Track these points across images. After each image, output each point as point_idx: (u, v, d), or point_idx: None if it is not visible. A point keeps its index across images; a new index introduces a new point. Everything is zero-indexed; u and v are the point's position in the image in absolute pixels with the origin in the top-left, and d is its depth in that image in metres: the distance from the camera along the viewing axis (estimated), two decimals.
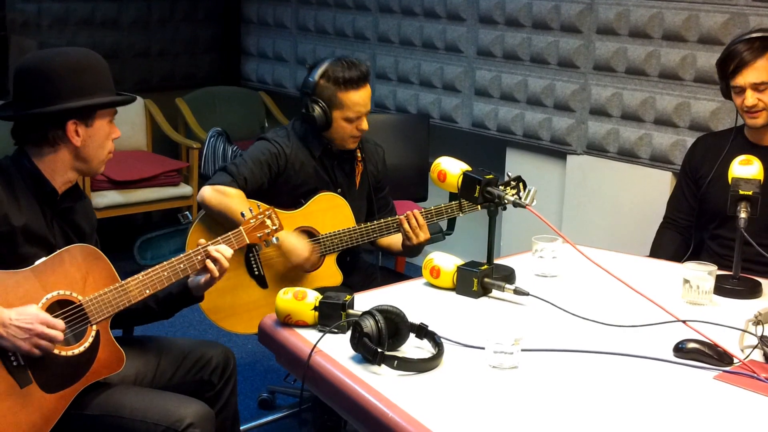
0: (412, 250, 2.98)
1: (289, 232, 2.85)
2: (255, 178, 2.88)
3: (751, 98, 2.80)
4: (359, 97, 2.91)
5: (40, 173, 2.19)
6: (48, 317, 2.03)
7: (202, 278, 2.34)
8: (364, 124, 2.95)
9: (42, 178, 2.19)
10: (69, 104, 2.15)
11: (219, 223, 2.83)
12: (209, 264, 2.29)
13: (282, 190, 2.95)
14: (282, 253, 2.84)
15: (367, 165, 3.09)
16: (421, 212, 2.95)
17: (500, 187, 2.51)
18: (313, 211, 2.95)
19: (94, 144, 2.22)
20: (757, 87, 2.79)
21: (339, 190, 3.02)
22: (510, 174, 2.92)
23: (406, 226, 2.92)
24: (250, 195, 2.87)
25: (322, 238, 2.94)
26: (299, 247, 2.85)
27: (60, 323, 2.04)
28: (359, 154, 3.07)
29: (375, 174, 3.14)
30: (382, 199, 3.20)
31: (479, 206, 2.97)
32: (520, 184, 2.98)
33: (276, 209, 2.89)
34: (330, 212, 2.96)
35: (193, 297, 2.40)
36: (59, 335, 2.03)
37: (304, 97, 2.93)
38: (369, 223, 2.96)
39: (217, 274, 2.30)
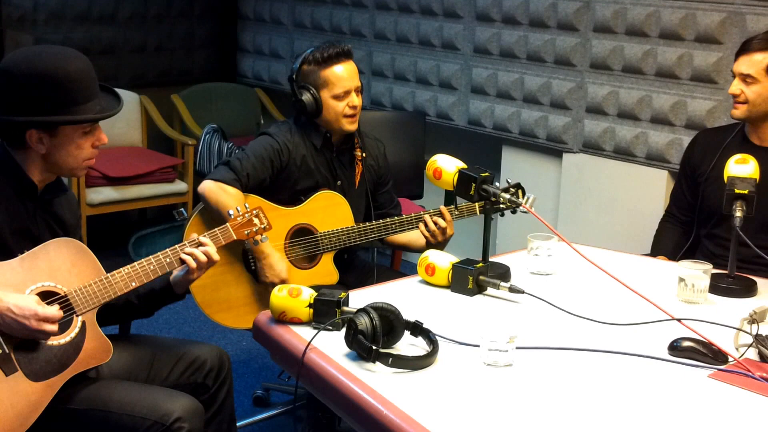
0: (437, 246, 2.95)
1: (275, 251, 2.85)
2: (257, 173, 2.88)
3: (734, 86, 2.81)
4: (342, 71, 2.90)
5: (19, 167, 2.19)
6: (46, 312, 2.03)
7: (183, 274, 2.33)
8: (355, 100, 2.93)
9: (21, 172, 2.19)
10: (25, 117, 2.12)
11: (215, 218, 2.83)
12: (186, 258, 2.29)
13: (283, 186, 2.95)
14: (263, 265, 2.84)
15: (366, 161, 3.08)
16: (450, 210, 2.95)
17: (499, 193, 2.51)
18: (312, 209, 2.94)
19: (61, 152, 2.18)
20: (744, 78, 2.79)
21: (339, 183, 3.02)
22: (509, 181, 2.92)
23: (432, 226, 2.91)
24: (251, 190, 2.87)
25: (320, 236, 2.93)
26: (278, 266, 2.85)
27: (56, 314, 2.05)
28: (359, 153, 3.06)
29: (376, 169, 3.14)
30: (386, 194, 3.18)
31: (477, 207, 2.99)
32: (519, 191, 2.98)
33: (275, 205, 2.90)
34: (329, 210, 2.96)
35: (174, 294, 2.39)
36: (54, 328, 2.05)
37: (292, 86, 2.94)
38: (368, 223, 2.96)
39: (194, 265, 2.29)
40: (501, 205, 2.95)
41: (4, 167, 2.19)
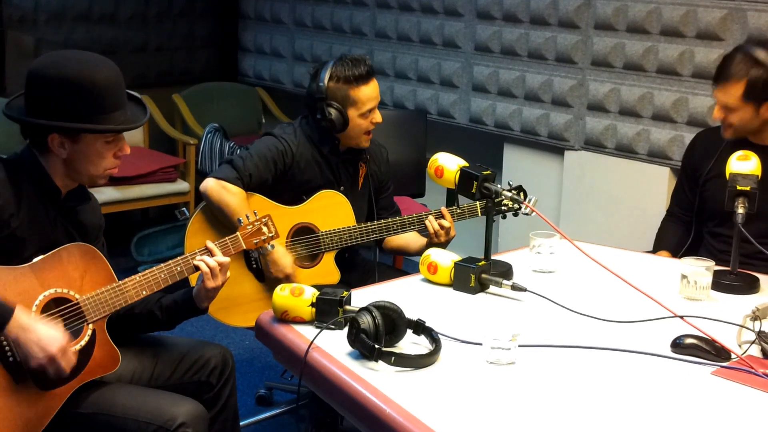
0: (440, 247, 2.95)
1: (279, 246, 2.85)
2: (260, 173, 2.88)
3: (717, 112, 2.83)
4: (371, 90, 2.93)
5: (44, 171, 2.18)
6: (63, 368, 2.03)
7: (200, 284, 2.33)
8: (378, 116, 2.97)
9: (46, 175, 2.18)
10: (47, 121, 2.12)
11: (217, 217, 2.83)
12: (200, 264, 2.29)
13: (286, 187, 2.95)
14: (267, 261, 2.85)
15: (370, 166, 3.09)
16: (450, 210, 2.95)
17: (501, 195, 2.51)
18: (313, 208, 2.95)
19: (82, 159, 2.17)
20: (723, 107, 2.79)
21: (342, 188, 3.02)
22: (510, 183, 2.93)
23: (436, 227, 2.91)
24: (253, 190, 2.87)
25: (321, 236, 2.93)
26: (283, 261, 2.85)
27: (68, 364, 2.05)
28: (363, 157, 3.07)
29: (378, 174, 3.15)
30: (386, 199, 3.19)
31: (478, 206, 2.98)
32: (521, 194, 2.98)
33: (277, 204, 2.90)
34: (330, 210, 2.96)
35: (196, 308, 2.39)
36: (65, 372, 2.05)
37: (317, 102, 2.91)
38: (369, 223, 2.96)
39: (206, 269, 2.29)
40: (503, 207, 2.97)
41: (30, 170, 2.18)
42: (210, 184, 2.84)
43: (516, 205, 2.98)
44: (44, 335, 1.99)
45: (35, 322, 2.00)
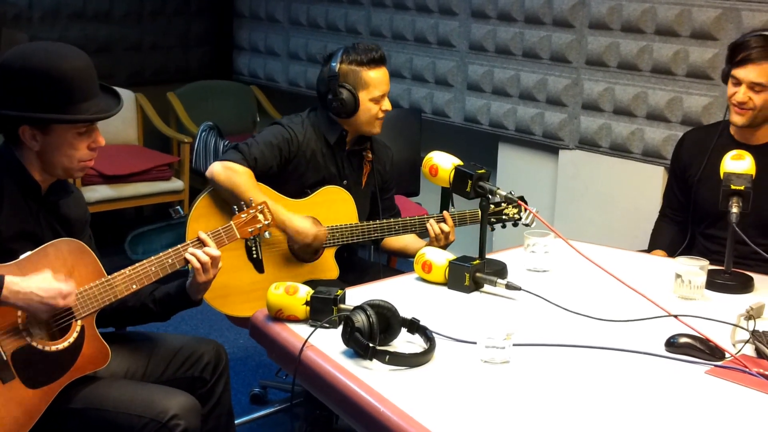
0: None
1: (294, 215, 2.85)
2: (265, 159, 2.88)
3: (742, 95, 2.78)
4: (383, 75, 2.95)
5: (23, 166, 2.16)
6: (69, 289, 2.05)
7: (192, 277, 2.32)
8: (388, 104, 2.97)
9: (25, 171, 2.16)
10: (16, 112, 2.10)
11: (224, 201, 2.82)
12: (190, 258, 2.28)
13: (290, 178, 2.95)
14: (289, 236, 2.84)
15: (375, 165, 3.10)
16: (451, 215, 2.97)
17: (502, 204, 2.52)
18: (317, 203, 2.95)
19: (55, 152, 2.14)
20: (753, 86, 2.77)
21: (345, 182, 3.02)
22: (513, 193, 2.94)
23: (436, 230, 2.92)
24: (258, 177, 2.87)
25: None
26: (305, 227, 2.85)
27: (74, 286, 2.07)
28: (369, 155, 3.08)
29: (382, 174, 3.15)
30: (387, 201, 3.20)
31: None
32: (522, 205, 2.99)
33: (281, 196, 2.90)
34: (334, 205, 2.96)
35: (190, 300, 2.38)
36: (74, 298, 2.08)
37: (330, 82, 2.91)
38: (372, 222, 2.96)
39: (198, 265, 2.28)
40: (503, 216, 2.99)
41: (9, 166, 2.16)
42: (216, 168, 2.84)
43: (516, 215, 3.01)
44: (40, 280, 2.00)
45: (27, 281, 1.99)
